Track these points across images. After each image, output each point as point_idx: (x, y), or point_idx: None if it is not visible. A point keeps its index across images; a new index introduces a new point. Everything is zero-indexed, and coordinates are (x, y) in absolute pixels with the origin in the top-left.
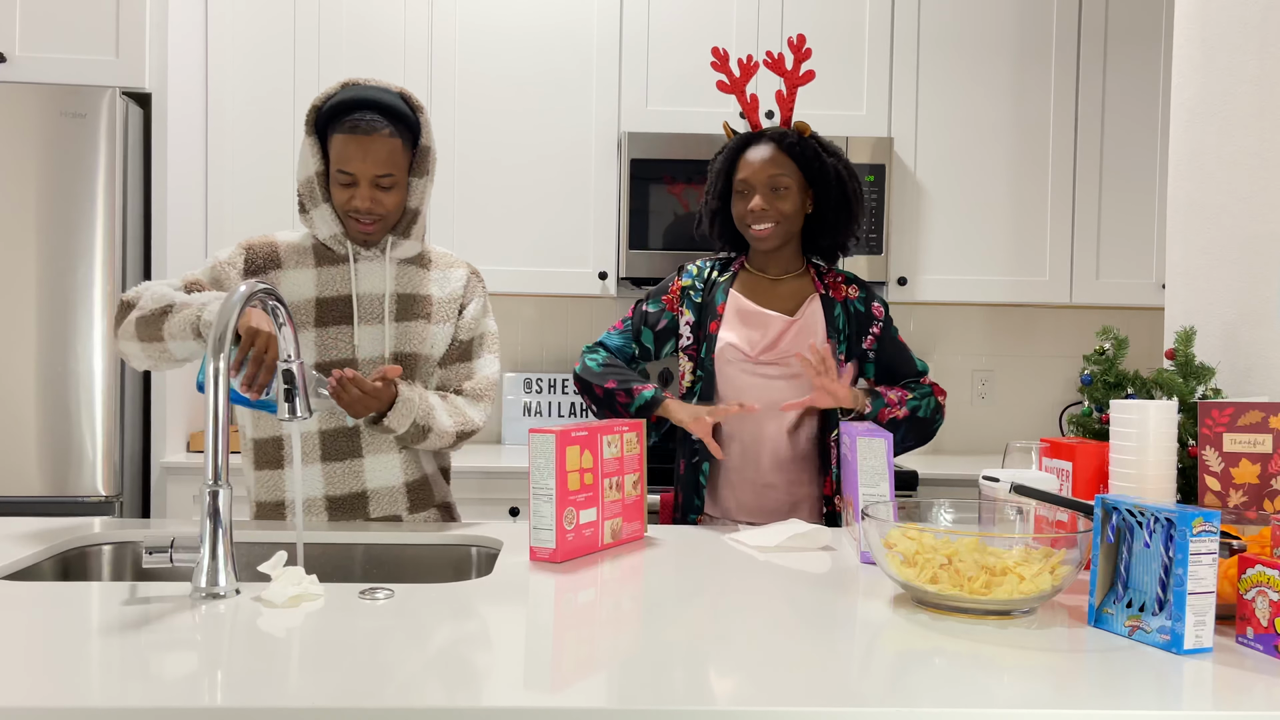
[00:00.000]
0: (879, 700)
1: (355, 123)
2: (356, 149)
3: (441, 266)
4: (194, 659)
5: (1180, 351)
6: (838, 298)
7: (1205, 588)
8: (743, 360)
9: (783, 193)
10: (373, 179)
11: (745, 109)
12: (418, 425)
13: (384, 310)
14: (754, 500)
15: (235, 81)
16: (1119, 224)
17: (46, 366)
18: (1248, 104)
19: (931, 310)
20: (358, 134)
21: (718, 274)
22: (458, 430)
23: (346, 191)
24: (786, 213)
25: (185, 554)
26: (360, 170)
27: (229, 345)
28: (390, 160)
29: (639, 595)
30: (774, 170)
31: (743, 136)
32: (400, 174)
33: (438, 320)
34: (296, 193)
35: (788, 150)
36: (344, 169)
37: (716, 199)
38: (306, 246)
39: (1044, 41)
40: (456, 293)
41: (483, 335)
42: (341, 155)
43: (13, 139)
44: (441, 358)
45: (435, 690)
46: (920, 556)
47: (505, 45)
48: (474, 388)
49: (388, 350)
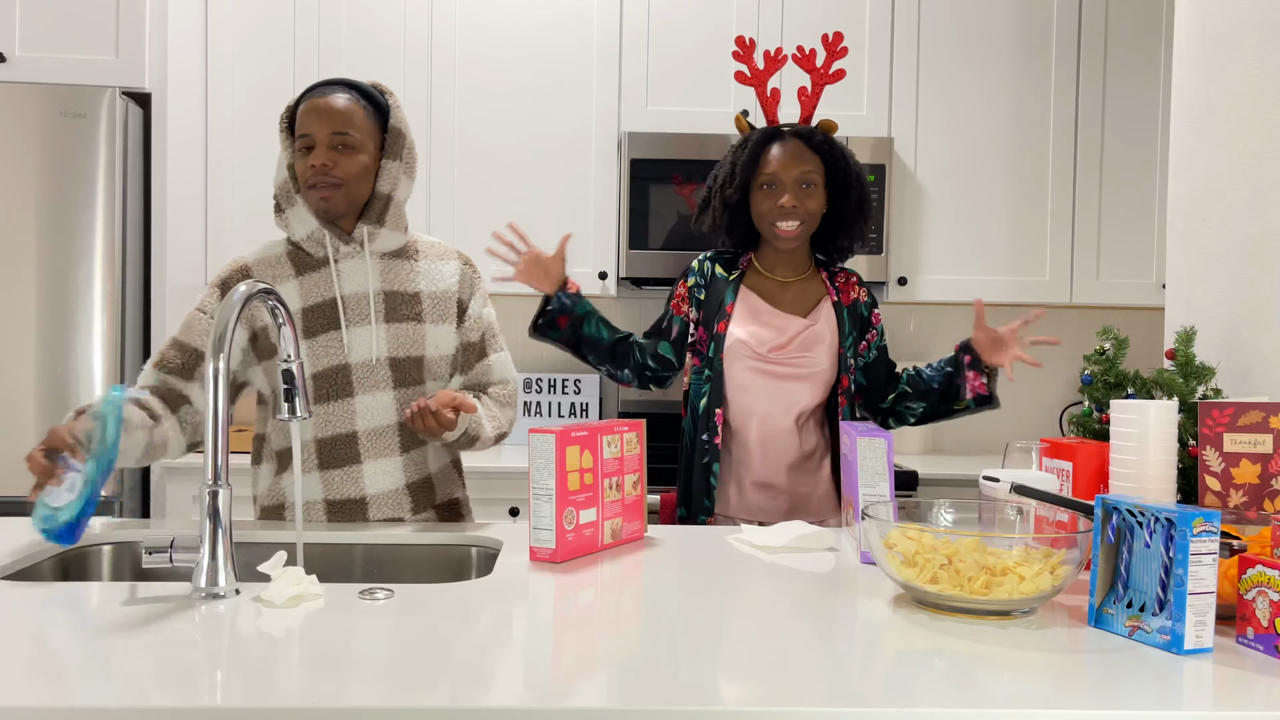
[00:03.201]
0: (879, 700)
1: (314, 91)
2: (312, 113)
3: (431, 258)
4: (194, 659)
5: (1180, 351)
6: (846, 301)
7: (1205, 588)
8: (752, 358)
9: (811, 190)
10: (329, 137)
11: (765, 104)
12: (468, 435)
13: (370, 310)
14: (764, 500)
15: (235, 81)
16: (1119, 224)
17: (46, 366)
18: (1248, 104)
19: (931, 310)
20: (314, 98)
21: (724, 270)
22: (497, 435)
23: (305, 160)
24: (813, 211)
25: (185, 554)
26: (316, 130)
27: (229, 345)
28: (347, 119)
29: (639, 595)
30: (805, 167)
31: (766, 131)
32: (362, 138)
33: (432, 320)
34: (273, 197)
35: (815, 148)
36: (303, 133)
37: (737, 192)
38: (280, 256)
39: (1044, 41)
40: (451, 289)
41: (489, 327)
42: (301, 123)
43: (13, 139)
44: (460, 364)
45: (435, 690)
46: (920, 556)
47: (505, 45)
48: (500, 394)
49: (382, 354)
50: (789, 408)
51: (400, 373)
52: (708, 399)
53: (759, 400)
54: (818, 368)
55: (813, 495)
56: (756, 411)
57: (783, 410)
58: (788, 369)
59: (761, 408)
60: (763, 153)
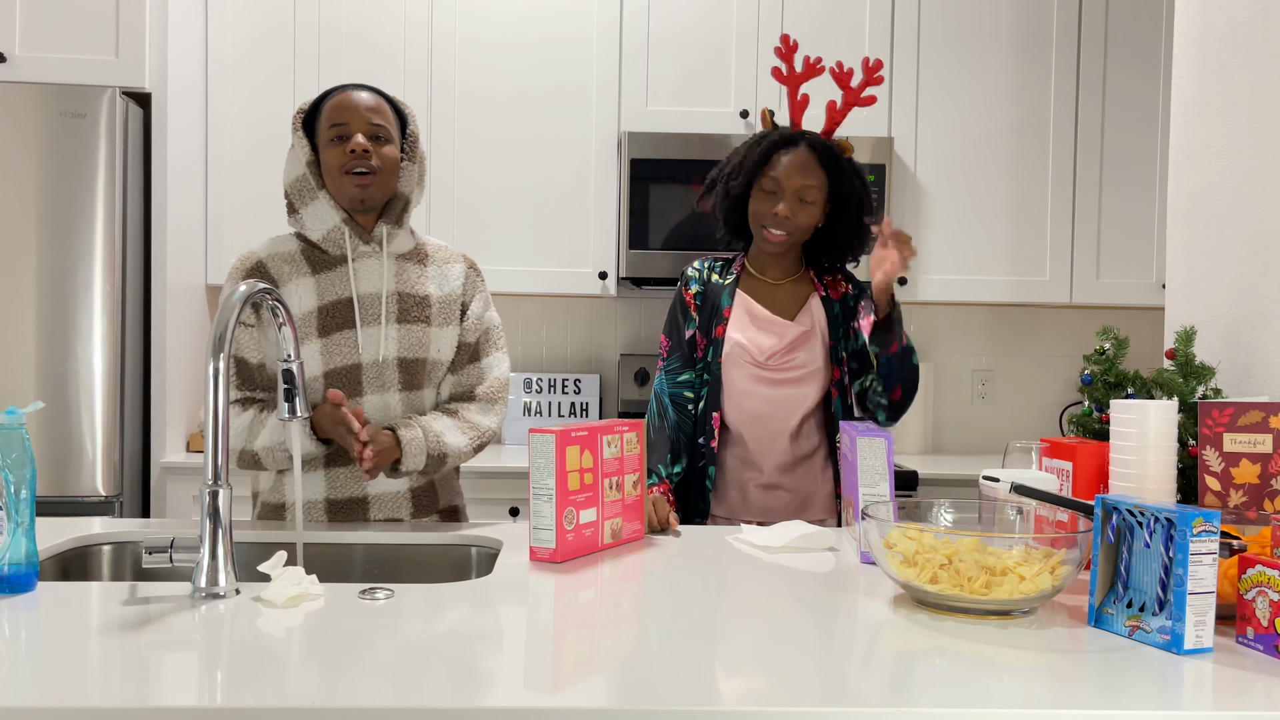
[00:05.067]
0: (879, 700)
1: (342, 89)
2: (346, 105)
3: (439, 262)
4: (194, 659)
5: (1180, 351)
6: (835, 296)
7: (1205, 588)
8: (750, 363)
9: (808, 206)
10: (367, 127)
11: (792, 106)
12: (432, 456)
13: (382, 311)
14: (761, 500)
15: (235, 81)
16: (1119, 224)
17: (46, 366)
18: (1248, 104)
19: (931, 310)
20: (344, 93)
21: (719, 276)
22: (474, 445)
23: (340, 148)
24: (804, 226)
25: (185, 554)
26: (353, 120)
27: (229, 345)
28: (381, 113)
29: (639, 595)
30: (808, 181)
31: (786, 135)
32: (393, 133)
33: (439, 323)
34: (284, 195)
35: (823, 162)
36: (337, 121)
37: (741, 185)
38: (293, 253)
39: (1044, 41)
40: (455, 291)
41: (488, 332)
42: (333, 113)
43: (13, 139)
44: (452, 363)
45: (435, 690)
46: (920, 556)
47: (505, 45)
48: (486, 391)
49: (391, 354)
50: (790, 412)
51: (408, 374)
52: (705, 402)
53: (760, 405)
54: (814, 367)
55: (816, 495)
56: (757, 416)
57: (784, 414)
58: (787, 374)
59: (762, 412)
60: (774, 155)
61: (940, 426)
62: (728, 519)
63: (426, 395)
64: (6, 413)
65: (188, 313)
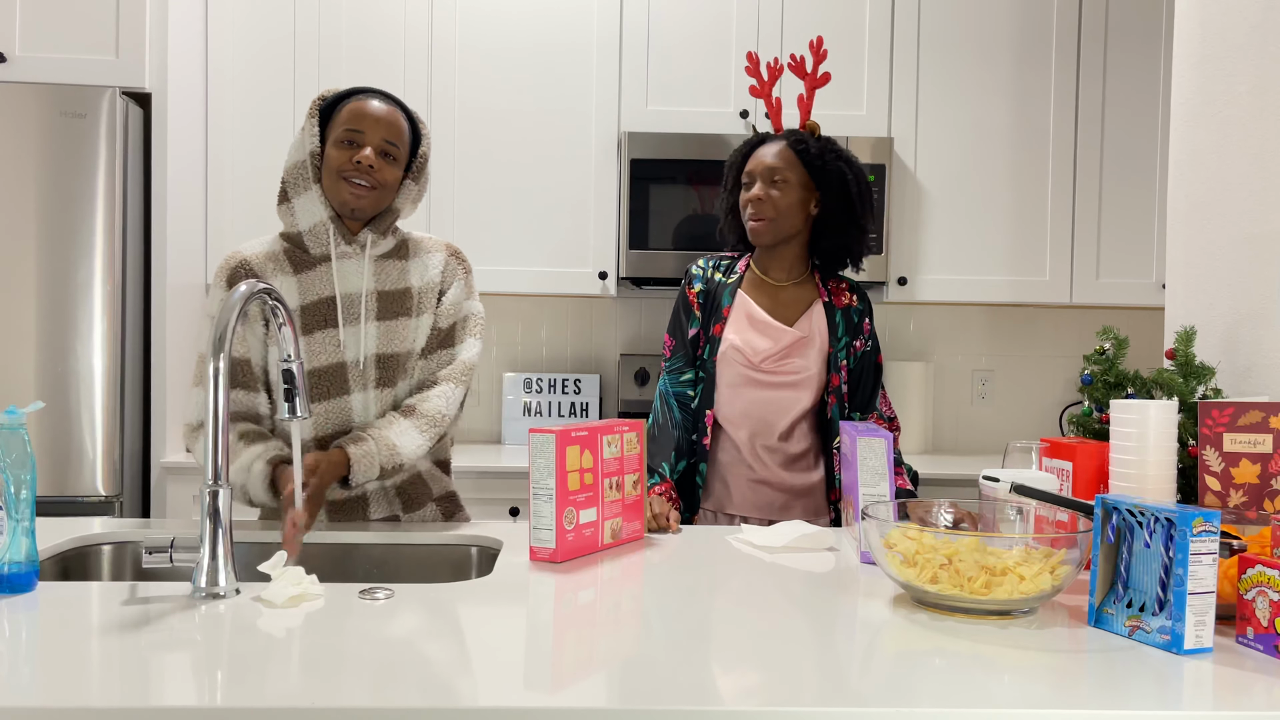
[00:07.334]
0: (879, 700)
1: (369, 95)
2: (369, 116)
3: (421, 253)
4: (194, 659)
5: (1180, 351)
6: (839, 304)
7: (1205, 588)
8: (744, 365)
9: (780, 185)
10: (381, 143)
11: (770, 112)
12: (386, 469)
13: (362, 309)
14: (751, 495)
15: (235, 81)
16: (1119, 224)
17: (46, 366)
18: (1248, 104)
19: (931, 310)
20: (369, 100)
21: (722, 275)
22: (432, 438)
23: (348, 152)
24: (780, 206)
25: (185, 554)
26: (371, 132)
27: (229, 345)
28: (398, 133)
29: (639, 595)
30: (775, 164)
31: (759, 135)
32: (402, 156)
33: (419, 312)
34: (280, 180)
35: (794, 147)
36: (354, 128)
37: (732, 194)
38: (276, 253)
39: (1044, 41)
40: (434, 280)
41: (465, 319)
42: (353, 117)
43: (13, 139)
44: (423, 349)
45: (435, 690)
46: (920, 556)
47: (505, 46)
48: (447, 373)
49: (370, 351)
50: (781, 414)
51: (384, 370)
52: (699, 401)
53: (752, 406)
54: (809, 372)
55: (805, 493)
56: (747, 415)
57: (774, 416)
58: (781, 378)
59: (754, 413)
60: (751, 154)
61: (940, 426)
62: (714, 511)
63: (400, 390)
64: (7, 413)
65: (188, 313)
